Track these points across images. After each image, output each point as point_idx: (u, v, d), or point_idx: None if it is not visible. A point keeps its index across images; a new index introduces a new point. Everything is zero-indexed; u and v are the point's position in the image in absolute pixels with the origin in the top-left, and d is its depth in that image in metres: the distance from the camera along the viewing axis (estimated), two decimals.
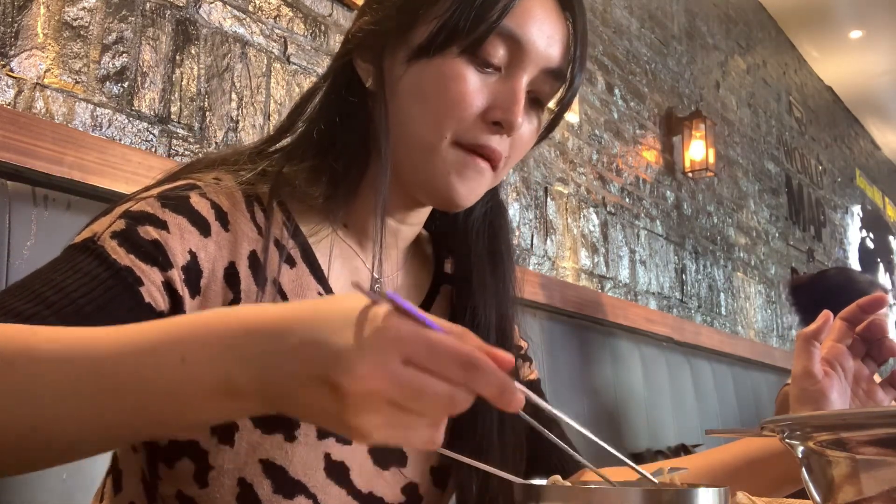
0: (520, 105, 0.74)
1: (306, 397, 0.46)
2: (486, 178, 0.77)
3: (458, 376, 0.44)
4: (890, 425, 0.48)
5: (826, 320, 0.84)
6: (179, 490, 0.71)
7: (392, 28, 0.77)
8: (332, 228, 0.80)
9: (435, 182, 0.76)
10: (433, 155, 0.75)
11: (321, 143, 0.79)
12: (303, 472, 0.72)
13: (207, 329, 0.49)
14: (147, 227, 0.68)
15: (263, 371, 0.47)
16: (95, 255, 0.66)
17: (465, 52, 0.73)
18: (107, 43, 1.40)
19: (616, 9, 3.11)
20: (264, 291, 0.73)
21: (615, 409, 2.27)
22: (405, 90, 0.76)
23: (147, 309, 0.66)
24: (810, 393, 0.83)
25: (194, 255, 0.70)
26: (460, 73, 0.73)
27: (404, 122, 0.76)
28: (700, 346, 3.06)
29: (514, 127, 0.75)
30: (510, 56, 0.75)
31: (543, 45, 0.76)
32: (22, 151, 1.14)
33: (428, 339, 0.45)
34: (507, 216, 0.91)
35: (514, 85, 0.75)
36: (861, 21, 4.98)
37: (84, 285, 0.63)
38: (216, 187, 0.74)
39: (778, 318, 4.37)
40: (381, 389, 0.44)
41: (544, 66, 0.76)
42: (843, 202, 5.81)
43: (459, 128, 0.74)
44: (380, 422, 0.44)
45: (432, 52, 0.74)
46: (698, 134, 3.37)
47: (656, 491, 0.48)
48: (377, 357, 0.44)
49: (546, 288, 2.23)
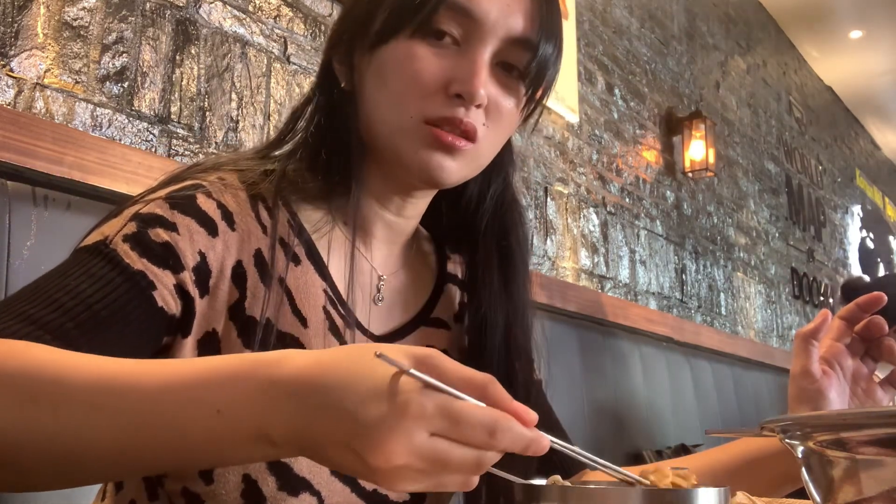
0: (479, 76, 0.74)
1: (336, 456, 0.48)
2: (465, 151, 0.76)
3: (485, 443, 0.46)
4: (890, 425, 0.48)
5: (824, 319, 0.84)
6: (185, 487, 0.71)
7: (356, 24, 0.79)
8: (334, 225, 0.81)
9: (408, 161, 0.76)
10: (403, 135, 0.76)
11: (314, 144, 0.81)
12: (308, 469, 0.72)
13: (241, 380, 0.50)
14: (157, 229, 0.68)
15: (296, 424, 0.48)
16: (108, 259, 0.66)
17: (417, 32, 0.75)
18: (107, 43, 1.40)
19: (616, 9, 3.11)
20: (271, 290, 0.73)
21: (615, 409, 2.27)
22: (370, 79, 0.77)
23: (160, 313, 0.67)
24: (809, 392, 0.83)
25: (203, 256, 0.70)
26: (415, 53, 0.75)
27: (374, 110, 0.78)
28: (700, 346, 3.05)
29: (474, 97, 0.74)
30: (465, 30, 0.75)
31: (500, 15, 0.75)
32: (22, 151, 1.14)
33: (452, 412, 0.46)
34: (521, 212, 0.90)
35: (472, 56, 0.75)
36: (861, 21, 4.98)
37: (99, 290, 0.64)
38: (221, 187, 0.75)
39: (778, 318, 4.36)
40: (407, 464, 0.46)
41: (506, 36, 0.76)
42: (843, 202, 5.81)
43: (423, 105, 0.75)
44: (409, 483, 0.47)
45: (387, 37, 0.75)
46: (698, 134, 3.37)
47: (656, 491, 0.48)
48: (402, 434, 0.45)
49: (546, 288, 2.23)
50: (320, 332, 0.76)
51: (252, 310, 0.72)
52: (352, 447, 0.46)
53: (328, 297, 0.78)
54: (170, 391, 0.51)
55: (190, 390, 0.50)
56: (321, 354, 0.50)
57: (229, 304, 0.72)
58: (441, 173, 0.76)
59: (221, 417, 0.49)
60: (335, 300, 0.79)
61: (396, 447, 0.45)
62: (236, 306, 0.72)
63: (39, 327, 0.60)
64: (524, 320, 0.89)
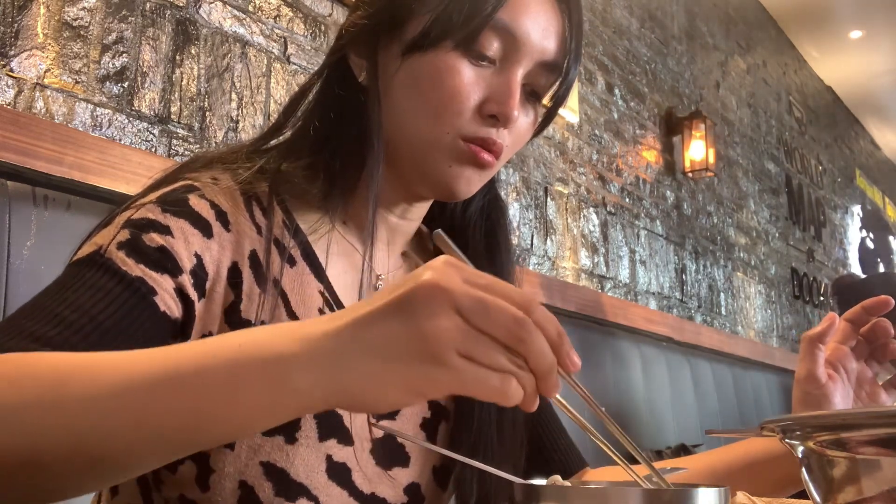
0: (515, 98, 0.75)
1: (376, 337, 0.47)
2: (487, 169, 0.77)
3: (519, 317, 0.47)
4: (890, 425, 0.48)
5: (832, 323, 0.84)
6: (182, 494, 0.71)
7: (385, 22, 0.77)
8: (332, 225, 0.80)
9: (436, 174, 0.76)
10: (434, 148, 0.75)
11: (317, 139, 0.79)
12: (304, 474, 0.71)
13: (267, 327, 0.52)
14: (151, 234, 0.67)
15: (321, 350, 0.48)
16: (105, 269, 0.65)
17: (459, 46, 0.74)
18: (107, 43, 1.40)
19: (616, 9, 3.11)
20: (266, 292, 0.72)
21: (615, 409, 2.27)
22: (400, 84, 0.76)
23: (163, 318, 0.66)
24: (814, 396, 0.83)
25: (199, 258, 0.70)
26: (455, 67, 0.74)
27: (401, 116, 0.76)
28: (700, 346, 3.06)
29: (510, 120, 0.75)
30: (504, 49, 0.75)
31: (538, 38, 0.76)
32: (22, 151, 1.14)
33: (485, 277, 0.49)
34: (505, 211, 0.91)
35: (508, 78, 0.75)
36: (861, 21, 4.98)
37: (100, 301, 0.63)
38: (214, 188, 0.74)
39: (778, 318, 4.36)
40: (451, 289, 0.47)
41: (539, 59, 0.76)
42: (843, 202, 5.81)
43: (458, 121, 0.74)
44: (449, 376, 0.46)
45: (426, 46, 0.74)
46: (698, 134, 3.37)
47: (656, 491, 0.48)
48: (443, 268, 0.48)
49: (546, 288, 2.23)
50: None
51: (247, 313, 0.72)
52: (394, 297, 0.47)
53: (325, 299, 0.77)
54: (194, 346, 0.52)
55: (210, 343, 0.52)
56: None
57: (225, 307, 0.71)
58: (467, 188, 0.77)
59: (241, 350, 0.49)
60: (332, 302, 0.78)
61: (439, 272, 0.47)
62: (232, 309, 0.71)
63: (44, 344, 0.58)
64: None
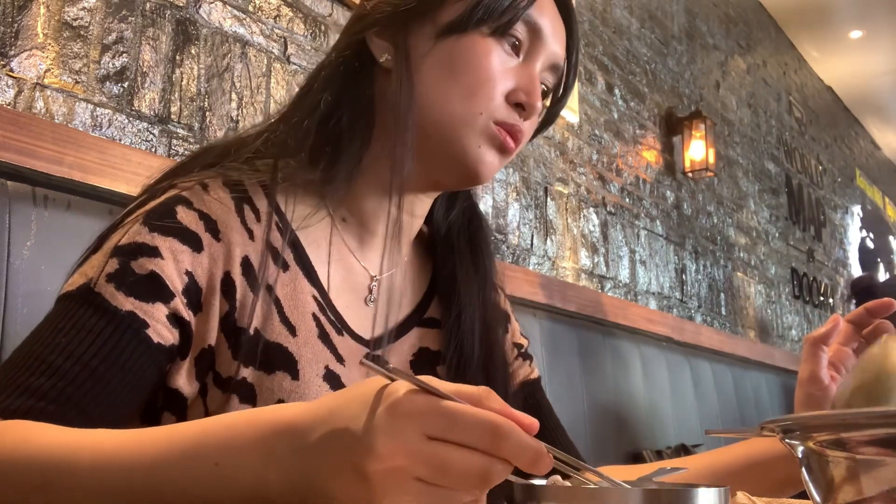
0: (539, 90, 0.78)
1: (335, 489, 0.46)
2: (507, 155, 0.80)
3: (487, 445, 0.43)
4: (890, 425, 0.48)
5: (835, 325, 0.84)
6: None
7: (418, 5, 0.78)
8: (332, 222, 0.80)
9: (464, 155, 0.78)
10: (466, 126, 0.77)
11: (324, 115, 0.79)
12: None
13: (236, 433, 0.50)
14: (140, 259, 0.67)
15: (292, 469, 0.48)
16: (96, 308, 0.65)
17: (495, 33, 0.77)
18: (107, 43, 1.40)
19: (616, 9, 3.11)
20: (258, 297, 0.72)
21: (615, 409, 2.27)
22: (432, 66, 0.77)
23: (157, 349, 0.67)
24: (816, 398, 0.84)
25: (191, 275, 0.69)
26: (491, 51, 0.76)
27: (431, 97, 0.77)
28: (700, 346, 3.05)
29: (535, 110, 0.78)
30: (530, 43, 0.79)
31: (552, 38, 0.80)
32: (22, 151, 1.14)
33: (447, 411, 0.44)
34: (482, 215, 0.94)
35: (531, 70, 0.79)
36: (861, 21, 4.98)
37: (91, 344, 0.63)
38: (203, 196, 0.73)
39: (778, 318, 4.36)
40: (405, 466, 0.43)
41: (551, 60, 0.81)
42: (843, 202, 5.81)
43: (491, 105, 0.77)
44: (411, 500, 0.44)
45: (463, 29, 0.76)
46: (698, 134, 3.37)
47: (656, 491, 0.48)
48: (395, 434, 0.43)
49: (546, 288, 2.22)
50: (309, 340, 0.75)
51: (241, 321, 0.71)
52: (350, 462, 0.45)
53: (318, 303, 0.77)
54: (171, 456, 0.51)
55: (189, 450, 0.51)
56: (317, 400, 0.51)
57: (220, 317, 0.71)
58: (491, 170, 0.79)
59: (219, 470, 0.49)
60: (324, 306, 0.78)
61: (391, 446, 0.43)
62: (226, 318, 0.71)
63: (40, 398, 0.60)
64: (499, 307, 0.92)
